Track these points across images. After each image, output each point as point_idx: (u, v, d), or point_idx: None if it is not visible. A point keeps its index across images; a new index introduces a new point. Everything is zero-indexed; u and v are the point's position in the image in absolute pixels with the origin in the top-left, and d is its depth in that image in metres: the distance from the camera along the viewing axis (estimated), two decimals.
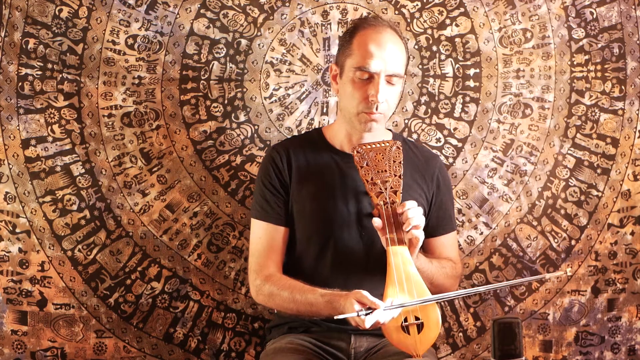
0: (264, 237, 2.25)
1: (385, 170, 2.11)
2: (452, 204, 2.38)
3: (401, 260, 2.01)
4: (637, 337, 2.66)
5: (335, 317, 1.96)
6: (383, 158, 2.12)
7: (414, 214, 2.04)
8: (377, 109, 2.14)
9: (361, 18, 2.25)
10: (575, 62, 2.60)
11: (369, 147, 2.13)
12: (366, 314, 1.91)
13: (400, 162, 2.12)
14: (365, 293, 1.94)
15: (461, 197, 2.59)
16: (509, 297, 2.63)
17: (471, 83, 2.58)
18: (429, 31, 2.56)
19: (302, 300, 2.10)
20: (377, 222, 2.05)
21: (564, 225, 2.63)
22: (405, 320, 1.96)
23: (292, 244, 2.27)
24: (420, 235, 2.05)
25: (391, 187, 2.10)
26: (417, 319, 1.96)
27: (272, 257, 2.23)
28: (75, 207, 2.50)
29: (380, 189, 2.09)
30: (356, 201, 2.20)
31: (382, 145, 2.14)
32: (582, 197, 2.62)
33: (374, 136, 2.21)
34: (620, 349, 2.65)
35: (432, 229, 2.30)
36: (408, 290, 1.98)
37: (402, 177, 2.11)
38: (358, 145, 2.14)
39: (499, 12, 2.57)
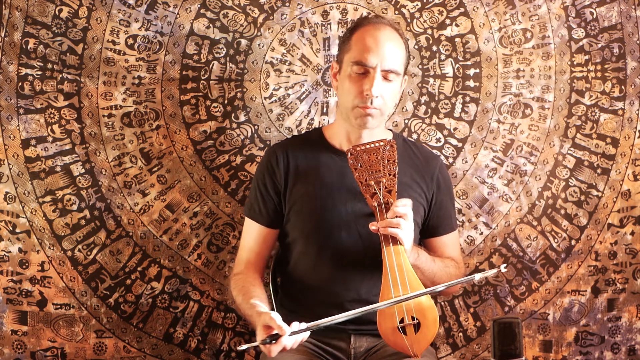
0: (248, 234, 2.31)
1: (379, 170, 2.09)
2: (453, 204, 2.37)
3: (395, 260, 2.01)
4: (637, 337, 2.66)
5: (238, 349, 2.11)
6: (377, 158, 2.10)
7: (399, 212, 2.02)
8: (371, 104, 2.14)
9: (363, 17, 2.26)
10: (575, 62, 2.60)
11: (362, 148, 2.11)
12: (270, 342, 1.91)
13: (394, 161, 2.10)
14: (274, 316, 1.96)
15: (461, 197, 2.59)
16: (509, 297, 2.63)
17: (471, 83, 2.58)
18: (429, 31, 2.56)
19: (243, 308, 2.17)
20: (374, 226, 2.05)
21: (564, 225, 2.62)
22: (402, 321, 1.96)
23: (291, 243, 2.27)
24: (398, 233, 2.01)
25: (385, 187, 2.08)
26: (413, 319, 1.96)
27: (249, 255, 2.28)
28: (75, 207, 2.50)
29: (374, 189, 2.08)
30: (355, 200, 2.19)
31: (375, 145, 2.11)
32: (582, 197, 2.62)
33: (372, 136, 2.20)
34: (620, 349, 2.65)
35: (433, 229, 2.30)
36: (403, 290, 1.97)
37: (396, 176, 2.09)
38: (352, 147, 2.13)
39: (499, 12, 2.57)
